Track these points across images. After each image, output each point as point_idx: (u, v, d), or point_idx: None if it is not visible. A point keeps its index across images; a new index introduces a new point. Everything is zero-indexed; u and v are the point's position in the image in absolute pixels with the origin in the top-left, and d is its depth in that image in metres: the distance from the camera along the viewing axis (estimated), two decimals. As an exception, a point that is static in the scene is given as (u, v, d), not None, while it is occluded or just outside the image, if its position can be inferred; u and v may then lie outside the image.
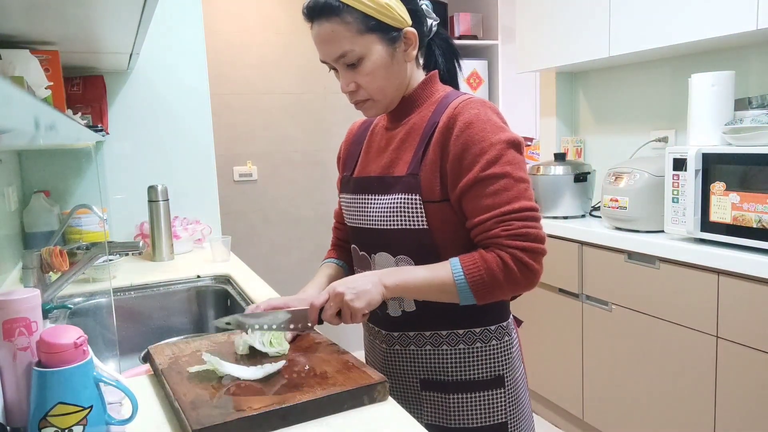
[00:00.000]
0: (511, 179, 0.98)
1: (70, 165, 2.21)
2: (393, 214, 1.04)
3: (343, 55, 1.01)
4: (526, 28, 2.87)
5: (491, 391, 1.08)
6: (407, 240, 1.04)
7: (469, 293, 0.97)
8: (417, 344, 1.09)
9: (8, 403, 0.83)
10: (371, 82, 1.04)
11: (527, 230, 0.97)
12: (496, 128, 1.00)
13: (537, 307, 2.60)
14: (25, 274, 1.38)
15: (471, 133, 0.99)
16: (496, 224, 0.97)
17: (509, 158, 0.99)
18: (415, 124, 1.08)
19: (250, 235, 3.46)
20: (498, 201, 0.98)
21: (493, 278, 0.96)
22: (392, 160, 1.08)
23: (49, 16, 1.12)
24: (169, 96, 2.36)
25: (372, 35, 1.00)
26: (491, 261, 0.96)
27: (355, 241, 1.17)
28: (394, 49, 1.03)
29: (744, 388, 1.78)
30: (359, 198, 1.12)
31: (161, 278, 1.85)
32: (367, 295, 0.96)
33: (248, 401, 0.87)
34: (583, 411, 2.43)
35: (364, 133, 1.22)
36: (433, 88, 1.11)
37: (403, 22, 1.02)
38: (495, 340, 1.08)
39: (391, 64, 1.04)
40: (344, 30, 0.99)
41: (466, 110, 1.01)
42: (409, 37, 1.04)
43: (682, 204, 1.97)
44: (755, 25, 1.83)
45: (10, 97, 0.34)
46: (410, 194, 1.02)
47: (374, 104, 1.08)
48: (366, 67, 1.02)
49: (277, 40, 3.43)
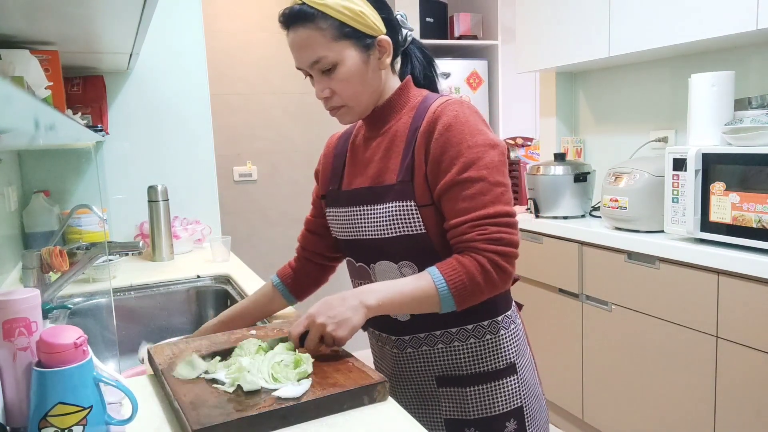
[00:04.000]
0: (488, 183, 0.99)
1: (70, 165, 2.21)
2: (389, 223, 1.04)
3: (318, 61, 1.03)
4: (526, 28, 2.87)
5: (506, 379, 1.09)
6: (407, 246, 1.05)
7: (451, 300, 0.98)
8: (429, 344, 1.10)
9: (8, 403, 0.83)
10: (345, 88, 1.05)
11: (501, 235, 0.98)
12: (475, 130, 1.01)
13: (537, 307, 2.60)
14: (25, 274, 1.38)
15: (449, 136, 1.00)
16: (471, 228, 0.98)
17: (487, 162, 0.99)
18: (398, 131, 1.09)
19: (250, 235, 3.46)
20: (474, 205, 0.98)
21: (473, 283, 0.97)
22: (380, 169, 1.09)
23: (49, 16, 1.12)
24: (169, 96, 2.35)
25: (346, 42, 1.02)
26: (470, 266, 0.97)
27: (349, 254, 1.17)
28: (368, 56, 1.05)
29: (744, 388, 1.78)
30: (351, 210, 1.11)
31: (161, 278, 1.84)
32: (348, 323, 0.96)
33: (248, 401, 0.87)
34: (582, 411, 2.43)
35: (344, 145, 1.22)
36: (409, 93, 1.12)
37: (377, 29, 1.04)
38: (503, 329, 1.10)
39: (366, 71, 1.05)
40: (319, 36, 1.01)
41: (446, 112, 1.02)
42: (383, 44, 1.06)
43: (682, 204, 1.97)
44: (755, 25, 1.83)
45: (10, 97, 0.34)
46: (404, 201, 1.03)
47: (349, 110, 1.09)
48: (340, 74, 1.03)
49: (278, 40, 3.43)
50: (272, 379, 0.92)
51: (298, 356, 0.98)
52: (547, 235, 2.51)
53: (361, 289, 1.00)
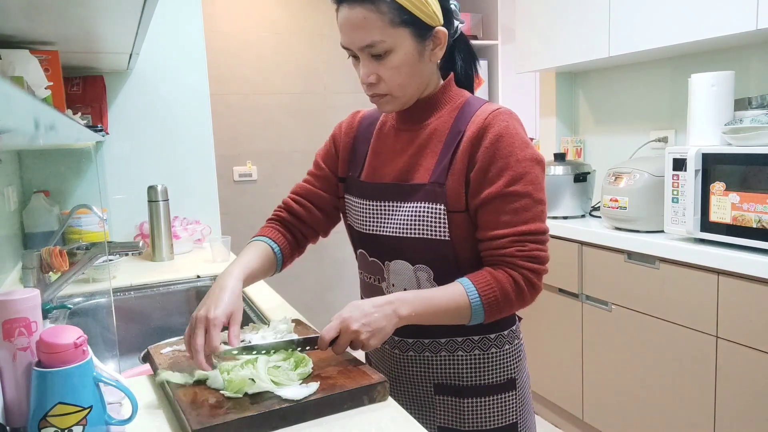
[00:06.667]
0: (532, 200, 0.99)
1: (70, 165, 2.21)
2: (414, 223, 1.02)
3: (371, 45, 0.97)
4: (526, 28, 2.87)
5: (504, 394, 1.08)
6: (426, 250, 1.03)
7: (482, 314, 0.98)
8: (432, 351, 1.09)
9: (8, 403, 0.83)
10: (394, 77, 1.00)
11: (539, 253, 0.99)
12: (524, 144, 1.00)
13: (537, 308, 2.59)
14: (25, 274, 1.38)
15: (500, 146, 0.98)
16: (511, 243, 0.98)
17: (533, 177, 0.99)
18: (437, 129, 1.05)
19: (250, 235, 3.44)
20: (516, 220, 0.98)
21: (506, 298, 0.97)
22: (410, 166, 1.06)
23: (49, 16, 1.12)
24: (169, 96, 2.35)
25: (404, 29, 0.97)
26: (503, 281, 0.97)
27: (364, 247, 1.13)
28: (423, 47, 1.00)
29: (744, 388, 1.78)
30: (373, 204, 1.08)
31: (161, 278, 1.84)
32: (382, 332, 0.94)
33: (248, 401, 0.87)
34: (582, 411, 2.43)
35: (367, 130, 1.17)
36: (452, 92, 1.08)
37: (436, 19, 1.00)
38: (508, 344, 1.09)
39: (418, 62, 1.00)
40: (377, 19, 0.95)
41: (497, 122, 1.00)
42: (439, 36, 1.01)
43: (681, 204, 1.97)
44: (755, 25, 1.83)
45: (9, 97, 0.34)
46: (434, 203, 1.01)
47: (392, 100, 1.03)
48: (392, 61, 0.98)
49: (277, 40, 3.43)
50: (274, 384, 0.91)
51: (298, 356, 0.98)
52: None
53: (395, 296, 0.98)
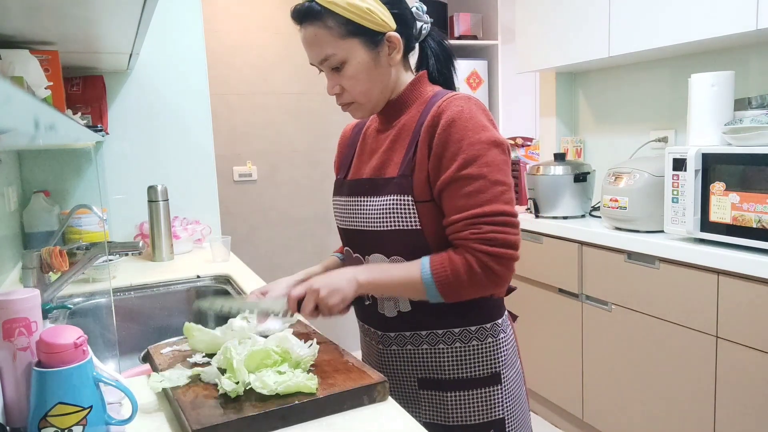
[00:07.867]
0: (487, 181, 0.99)
1: (70, 165, 2.21)
2: (385, 216, 1.05)
3: (326, 59, 1.04)
4: (526, 28, 2.87)
5: (488, 388, 1.09)
6: (400, 241, 1.05)
7: (436, 291, 0.99)
8: (414, 344, 1.10)
9: (8, 403, 0.83)
10: (354, 85, 1.06)
11: (495, 235, 0.97)
12: (479, 127, 1.00)
13: (537, 307, 2.60)
14: (25, 274, 1.38)
15: (452, 131, 1.00)
16: (465, 226, 0.99)
17: (488, 159, 0.99)
18: (405, 125, 1.09)
19: (250, 235, 3.46)
20: (471, 203, 0.98)
21: (457, 279, 0.98)
22: (383, 162, 1.09)
23: (49, 16, 1.12)
24: (168, 96, 2.36)
25: (353, 39, 1.03)
26: (457, 262, 0.98)
27: (348, 244, 1.17)
28: (377, 53, 1.05)
29: (744, 388, 1.78)
30: (352, 200, 1.12)
31: (161, 278, 1.84)
32: (340, 292, 0.99)
33: (248, 401, 0.87)
34: (582, 411, 2.43)
35: (356, 135, 1.23)
36: (422, 89, 1.12)
37: (386, 26, 1.04)
38: (491, 337, 1.09)
39: (374, 68, 1.06)
40: (326, 34, 1.02)
41: (450, 107, 1.02)
42: (392, 41, 1.06)
43: (681, 204, 1.97)
44: (755, 25, 1.83)
45: (9, 97, 0.34)
46: (402, 195, 1.03)
47: (359, 107, 1.10)
48: (348, 71, 1.05)
49: (277, 41, 3.43)
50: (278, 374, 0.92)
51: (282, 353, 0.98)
52: (547, 235, 2.51)
53: (357, 266, 1.05)
